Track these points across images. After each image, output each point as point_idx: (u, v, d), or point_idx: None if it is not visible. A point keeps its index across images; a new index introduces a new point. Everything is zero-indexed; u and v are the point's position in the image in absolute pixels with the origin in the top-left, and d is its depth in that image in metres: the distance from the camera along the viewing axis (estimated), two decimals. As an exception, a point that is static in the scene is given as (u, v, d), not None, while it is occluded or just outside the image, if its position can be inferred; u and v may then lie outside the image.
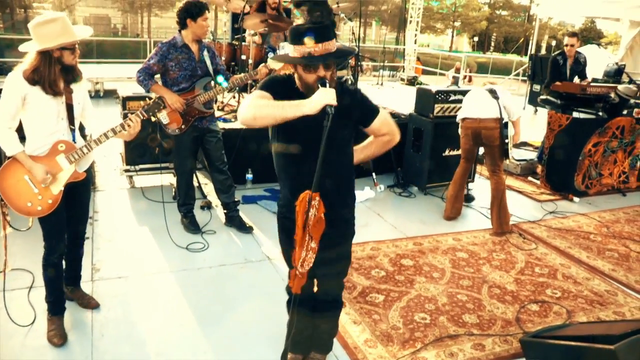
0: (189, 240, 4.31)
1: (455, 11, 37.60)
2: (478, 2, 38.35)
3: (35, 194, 2.81)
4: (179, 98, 4.13)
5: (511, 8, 38.66)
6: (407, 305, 3.56)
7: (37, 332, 3.01)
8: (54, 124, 2.84)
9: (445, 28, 38.36)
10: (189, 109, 4.22)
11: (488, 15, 38.15)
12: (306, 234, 2.18)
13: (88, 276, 3.62)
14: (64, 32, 2.74)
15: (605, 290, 4.02)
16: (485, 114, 4.78)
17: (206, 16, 4.14)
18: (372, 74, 16.74)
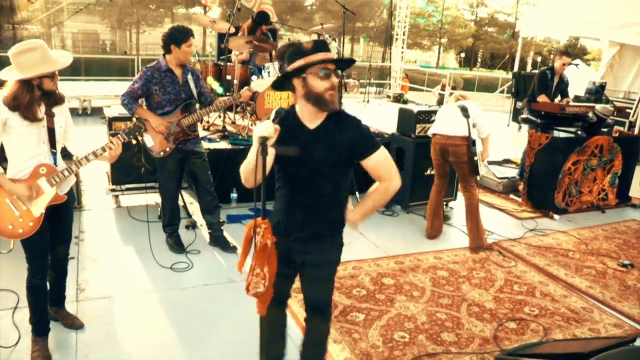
0: (173, 260, 4.36)
1: (442, 28, 38.13)
2: (464, 19, 38.94)
3: (17, 216, 2.86)
4: (163, 121, 4.21)
5: (497, 25, 39.29)
6: (387, 324, 3.63)
7: (21, 352, 3.05)
8: (35, 147, 2.90)
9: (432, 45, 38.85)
10: (173, 132, 4.29)
11: (474, 32, 38.71)
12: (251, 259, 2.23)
13: (73, 296, 3.66)
14: (43, 61, 2.79)
15: (582, 307, 4.11)
16: (453, 132, 4.91)
17: (190, 42, 4.20)
18: (359, 90, 16.93)
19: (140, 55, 17.70)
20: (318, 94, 2.24)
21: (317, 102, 2.26)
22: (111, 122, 5.31)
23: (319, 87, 2.23)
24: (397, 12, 16.12)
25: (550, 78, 6.82)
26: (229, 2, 12.47)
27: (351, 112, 2.54)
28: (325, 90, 2.24)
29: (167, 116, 4.28)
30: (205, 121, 6.46)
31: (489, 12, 38.38)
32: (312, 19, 35.28)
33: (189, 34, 4.20)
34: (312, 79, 2.24)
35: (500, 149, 8.14)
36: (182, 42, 4.17)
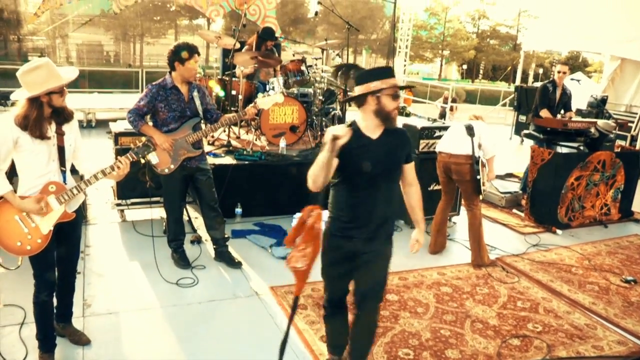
0: (179, 275, 4.39)
1: (444, 40, 38.31)
2: (466, 31, 39.12)
3: (25, 233, 2.90)
4: (168, 138, 4.25)
5: (498, 37, 39.48)
6: (391, 340, 3.65)
7: (28, 370, 3.08)
8: (45, 166, 2.95)
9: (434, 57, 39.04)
10: (178, 150, 4.32)
11: (476, 45, 38.88)
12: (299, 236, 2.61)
13: (79, 312, 3.69)
14: (50, 78, 2.85)
15: (585, 324, 4.12)
16: (457, 150, 4.95)
17: (195, 59, 4.24)
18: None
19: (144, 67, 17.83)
20: (388, 111, 2.71)
21: (385, 118, 2.73)
22: (117, 137, 5.37)
23: (389, 106, 2.70)
24: (400, 24, 16.24)
25: (552, 91, 6.86)
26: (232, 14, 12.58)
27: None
28: (393, 109, 2.72)
29: (172, 133, 4.32)
30: (210, 136, 6.50)
31: (490, 24, 38.60)
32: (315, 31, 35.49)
33: (194, 51, 4.24)
34: (385, 98, 2.69)
35: (502, 163, 8.15)
36: (187, 60, 4.22)
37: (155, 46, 29.84)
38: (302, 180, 5.87)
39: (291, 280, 4.33)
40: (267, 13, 13.88)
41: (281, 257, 4.87)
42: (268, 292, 4.25)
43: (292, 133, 6.50)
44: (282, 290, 4.26)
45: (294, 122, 6.49)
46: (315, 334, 3.66)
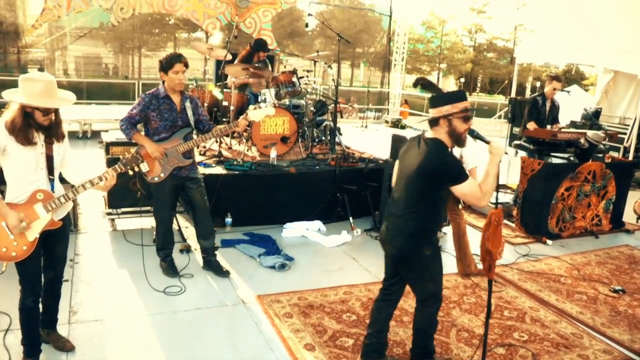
0: (166, 284, 4.40)
1: (441, 53, 38.57)
2: (463, 44, 39.39)
3: (11, 240, 2.92)
4: (158, 147, 4.28)
5: (495, 50, 39.76)
6: (376, 348, 3.65)
7: (10, 376, 3.08)
8: (32, 173, 2.98)
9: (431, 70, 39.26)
10: (168, 159, 4.36)
11: (473, 58, 39.14)
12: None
13: (65, 319, 3.70)
14: (42, 95, 2.89)
15: (572, 333, 4.13)
16: None
17: (177, 69, 4.26)
18: (358, 115, 17.10)
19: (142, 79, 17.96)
20: (459, 133, 2.95)
21: (457, 139, 2.98)
22: (109, 147, 5.41)
23: (460, 128, 2.94)
24: (395, 38, 16.35)
25: (542, 104, 6.92)
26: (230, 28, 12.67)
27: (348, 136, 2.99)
28: (464, 131, 2.95)
29: (163, 142, 4.36)
30: (202, 146, 6.55)
31: (487, 38, 38.90)
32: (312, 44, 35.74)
33: (175, 60, 4.28)
34: (456, 121, 2.93)
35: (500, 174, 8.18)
36: (169, 69, 4.27)
37: (153, 59, 30.03)
38: (291, 190, 5.97)
39: (277, 289, 4.42)
40: (262, 26, 14.02)
41: (269, 266, 4.89)
42: (254, 301, 4.26)
43: (283, 144, 6.54)
44: (269, 299, 4.27)
45: (285, 132, 6.54)
46: (299, 342, 3.66)
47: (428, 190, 3.01)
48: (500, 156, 3.01)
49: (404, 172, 3.13)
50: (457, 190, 2.94)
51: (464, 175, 2.91)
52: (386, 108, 17.36)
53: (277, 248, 5.32)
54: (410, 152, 3.11)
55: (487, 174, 2.97)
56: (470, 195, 2.95)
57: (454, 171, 2.93)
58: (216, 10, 13.59)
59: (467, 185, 2.91)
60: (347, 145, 7.57)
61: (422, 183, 3.00)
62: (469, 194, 2.94)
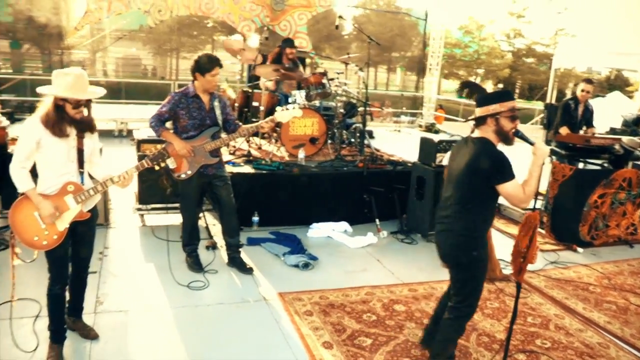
0: (191, 279, 4.49)
1: (478, 58, 37.94)
2: (501, 50, 38.65)
3: (42, 229, 3.04)
4: (186, 145, 4.37)
5: (535, 56, 38.89)
6: (393, 349, 3.65)
7: (38, 358, 3.20)
8: (64, 166, 3.10)
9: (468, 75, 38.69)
10: (195, 157, 4.44)
11: (511, 63, 38.38)
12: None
13: (91, 308, 3.82)
14: (71, 87, 3.00)
15: (598, 342, 4.03)
16: None
17: (214, 72, 4.35)
18: (392, 119, 17.06)
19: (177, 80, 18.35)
20: (506, 132, 2.99)
21: (504, 138, 3.01)
22: (139, 144, 5.55)
23: (507, 126, 2.98)
24: (431, 42, 16.23)
25: (575, 108, 6.78)
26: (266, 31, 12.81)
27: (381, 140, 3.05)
28: (511, 129, 2.99)
29: (191, 140, 4.44)
30: (231, 146, 6.65)
31: (526, 43, 38.04)
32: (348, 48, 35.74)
33: (214, 64, 4.36)
34: (503, 120, 2.98)
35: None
36: (207, 72, 4.34)
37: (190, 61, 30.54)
38: (318, 191, 6.01)
39: (299, 288, 4.45)
40: (297, 29, 14.12)
41: (293, 265, 4.93)
42: (276, 298, 4.30)
43: (311, 145, 6.58)
44: (290, 297, 4.31)
45: (314, 134, 6.58)
46: (317, 339, 3.69)
47: (477, 189, 3.03)
48: (543, 158, 3.00)
49: (453, 173, 3.19)
50: (502, 190, 2.94)
51: (511, 175, 2.93)
52: (420, 112, 17.23)
53: (301, 247, 5.36)
54: (459, 153, 3.17)
55: (529, 175, 2.97)
56: (514, 196, 2.94)
57: (502, 168, 2.94)
58: (251, 13, 13.75)
59: (513, 185, 2.92)
60: (376, 148, 7.56)
61: (471, 181, 3.04)
62: (513, 194, 2.93)
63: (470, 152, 3.05)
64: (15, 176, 2.99)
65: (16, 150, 3.04)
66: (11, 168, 2.99)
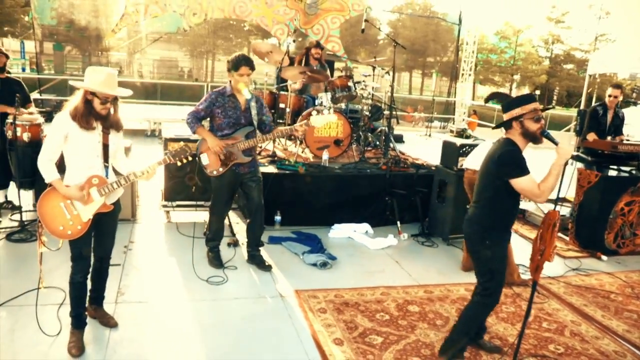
0: (211, 274, 4.62)
1: (514, 64, 37.43)
2: (538, 55, 38.04)
3: (68, 219, 3.21)
4: (219, 142, 4.48)
5: (573, 62, 38.14)
6: (403, 348, 3.70)
7: (61, 342, 3.39)
8: (89, 159, 3.26)
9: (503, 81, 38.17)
10: (228, 154, 4.55)
11: (549, 69, 37.72)
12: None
13: (113, 298, 3.99)
14: (102, 84, 3.17)
15: (614, 350, 3.98)
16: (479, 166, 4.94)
17: (242, 72, 4.44)
18: (424, 124, 17.00)
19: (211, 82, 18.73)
20: (532, 132, 3.13)
21: (532, 138, 3.16)
22: (167, 142, 5.73)
23: (532, 127, 3.13)
24: (465, 47, 16.13)
25: (603, 114, 6.67)
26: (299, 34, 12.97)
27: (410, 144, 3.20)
28: (537, 130, 3.12)
29: (225, 138, 4.56)
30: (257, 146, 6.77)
31: (564, 48, 37.35)
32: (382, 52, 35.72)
33: (242, 63, 4.46)
34: (527, 122, 3.13)
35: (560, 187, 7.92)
36: (235, 70, 4.47)
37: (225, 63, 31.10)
38: (340, 192, 6.07)
39: (315, 286, 4.53)
40: (330, 32, 14.22)
41: (311, 263, 5.01)
42: (292, 295, 4.40)
43: (335, 146, 6.66)
44: (306, 294, 4.39)
45: (339, 136, 6.66)
46: (329, 336, 3.76)
47: (492, 183, 3.25)
48: (565, 158, 3.09)
49: (481, 170, 3.41)
50: (516, 185, 3.12)
51: (524, 171, 3.10)
52: (452, 117, 17.12)
53: (321, 247, 5.44)
54: (488, 153, 3.37)
55: (549, 172, 3.11)
56: (528, 191, 3.11)
57: (513, 164, 3.13)
58: (285, 17, 13.92)
59: (526, 180, 3.09)
60: (401, 151, 7.60)
61: (489, 174, 3.28)
62: (527, 189, 3.11)
63: (493, 149, 3.30)
64: (42, 167, 3.17)
65: (45, 143, 3.22)
66: (39, 160, 3.17)
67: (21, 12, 25.54)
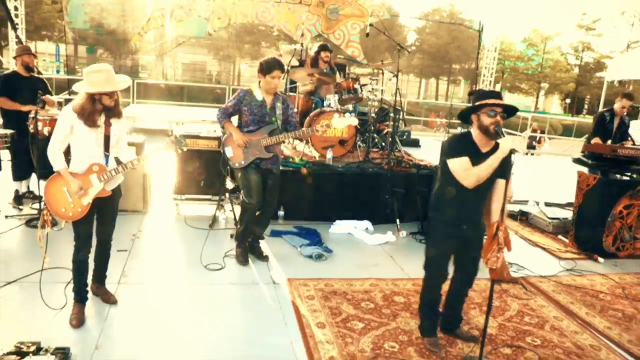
0: (210, 261, 4.90)
1: (541, 72, 37.00)
2: (567, 63, 37.52)
3: (69, 202, 3.54)
4: (243, 137, 4.75)
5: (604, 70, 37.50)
6: (382, 334, 3.90)
7: (64, 315, 3.72)
8: (92, 149, 3.59)
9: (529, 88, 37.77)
10: (251, 149, 4.80)
11: (577, 77, 37.19)
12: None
13: (116, 279, 4.32)
14: (106, 82, 3.49)
15: (590, 345, 4.10)
16: None
17: (274, 74, 4.70)
18: (446, 130, 17.10)
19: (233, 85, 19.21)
20: (485, 126, 3.35)
21: (485, 132, 3.37)
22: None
23: (485, 121, 3.34)
24: (485, 54, 16.18)
25: (610, 120, 6.75)
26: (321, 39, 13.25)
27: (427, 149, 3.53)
28: (490, 124, 3.32)
29: (250, 134, 4.82)
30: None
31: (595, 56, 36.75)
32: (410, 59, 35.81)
33: (274, 67, 4.71)
34: (482, 116, 3.36)
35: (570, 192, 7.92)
36: (267, 73, 4.72)
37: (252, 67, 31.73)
38: (343, 190, 6.30)
39: (308, 276, 4.77)
40: (350, 38, 14.47)
41: (307, 255, 5.25)
42: (285, 283, 4.64)
43: (340, 146, 6.90)
44: (297, 283, 4.64)
45: (343, 136, 6.89)
46: (313, 320, 4.00)
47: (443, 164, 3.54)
48: (503, 151, 3.28)
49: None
50: (449, 165, 3.44)
51: (459, 154, 3.41)
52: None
53: (319, 241, 5.68)
54: None
55: (484, 164, 3.33)
56: (455, 172, 3.42)
57: (451, 146, 3.51)
58: (307, 22, 14.23)
59: (456, 162, 3.41)
60: (406, 152, 7.78)
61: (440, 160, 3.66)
62: (454, 170, 3.42)
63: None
64: (52, 156, 3.51)
65: (53, 134, 3.56)
66: (49, 149, 3.52)
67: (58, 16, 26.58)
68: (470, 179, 3.36)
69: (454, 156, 3.43)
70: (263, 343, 3.65)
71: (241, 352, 3.52)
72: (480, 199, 3.57)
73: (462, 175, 3.38)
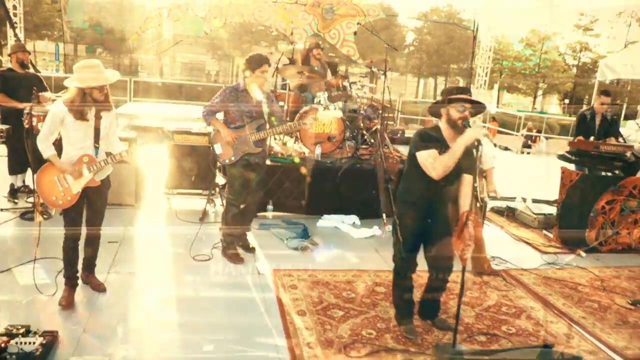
0: (198, 252, 5.04)
1: (539, 72, 37.11)
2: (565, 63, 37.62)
3: (60, 191, 3.72)
4: (230, 133, 4.86)
5: (601, 71, 37.68)
6: (361, 322, 4.04)
7: (54, 302, 3.87)
8: (82, 141, 3.76)
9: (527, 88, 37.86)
10: (239, 145, 4.91)
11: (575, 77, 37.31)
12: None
13: (106, 269, 4.48)
14: (95, 77, 3.66)
15: (564, 333, 4.23)
16: None
17: (263, 69, 4.84)
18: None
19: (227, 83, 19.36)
20: (453, 120, 3.51)
21: (452, 125, 3.53)
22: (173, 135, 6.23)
23: (454, 116, 3.51)
24: (480, 53, 16.29)
25: (591, 119, 6.89)
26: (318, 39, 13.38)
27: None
28: (457, 119, 3.48)
29: (237, 130, 4.94)
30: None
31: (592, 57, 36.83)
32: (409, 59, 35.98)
33: (263, 62, 4.84)
34: (452, 110, 3.53)
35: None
36: (256, 69, 4.84)
37: (244, 60, 31.90)
38: (331, 185, 6.43)
39: (293, 267, 4.91)
40: (345, 37, 14.59)
41: (293, 247, 5.40)
42: (269, 273, 4.79)
43: (328, 142, 7.04)
44: (281, 273, 4.78)
45: (332, 132, 7.03)
46: (294, 308, 4.14)
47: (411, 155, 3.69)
48: (466, 140, 3.44)
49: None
50: (418, 157, 3.59)
51: (423, 147, 3.57)
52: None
53: (306, 234, 5.81)
54: None
55: (449, 151, 3.48)
56: (423, 164, 3.56)
57: (420, 139, 3.65)
58: (303, 22, 14.35)
59: (423, 154, 3.56)
60: (395, 148, 7.92)
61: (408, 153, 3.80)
62: (422, 161, 3.57)
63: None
64: (41, 144, 3.70)
65: (44, 125, 3.73)
66: (38, 138, 3.71)
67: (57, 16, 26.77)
68: (437, 170, 3.50)
69: (422, 148, 3.57)
70: (244, 328, 3.79)
71: (222, 336, 3.66)
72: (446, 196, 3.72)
73: (430, 166, 3.51)
